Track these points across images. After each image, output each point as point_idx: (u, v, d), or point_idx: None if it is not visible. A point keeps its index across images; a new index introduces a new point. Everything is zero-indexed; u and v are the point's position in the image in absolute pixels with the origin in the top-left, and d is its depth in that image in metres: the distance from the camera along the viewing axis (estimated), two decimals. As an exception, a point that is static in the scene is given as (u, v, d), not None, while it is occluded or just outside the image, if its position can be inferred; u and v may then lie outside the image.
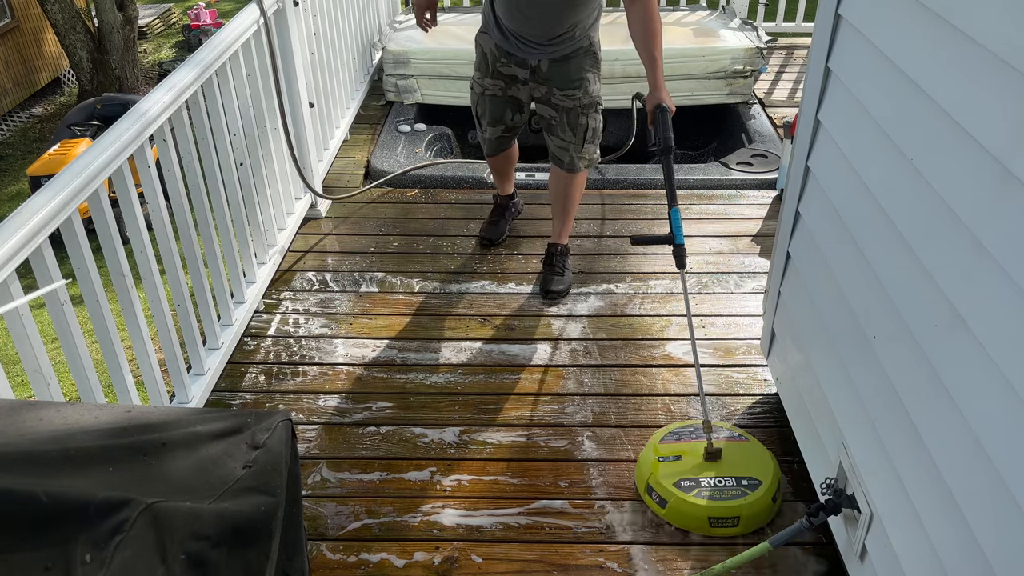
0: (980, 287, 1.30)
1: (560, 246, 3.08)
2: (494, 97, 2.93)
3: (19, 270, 1.62)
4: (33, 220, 1.63)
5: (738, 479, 2.10)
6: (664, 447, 2.21)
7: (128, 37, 11.46)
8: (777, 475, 2.13)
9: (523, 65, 2.81)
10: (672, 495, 2.07)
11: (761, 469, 2.14)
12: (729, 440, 2.23)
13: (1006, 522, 1.21)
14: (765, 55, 4.41)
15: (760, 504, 2.06)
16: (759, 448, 2.21)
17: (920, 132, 1.51)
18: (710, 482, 2.09)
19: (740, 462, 2.15)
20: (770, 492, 2.08)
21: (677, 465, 2.14)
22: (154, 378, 2.20)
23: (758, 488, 2.08)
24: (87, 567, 0.76)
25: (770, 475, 2.11)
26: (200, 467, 0.96)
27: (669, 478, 2.10)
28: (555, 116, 2.85)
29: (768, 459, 2.17)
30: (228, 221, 2.70)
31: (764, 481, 2.09)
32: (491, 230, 3.34)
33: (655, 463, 2.15)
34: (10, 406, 0.97)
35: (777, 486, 2.11)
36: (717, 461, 2.15)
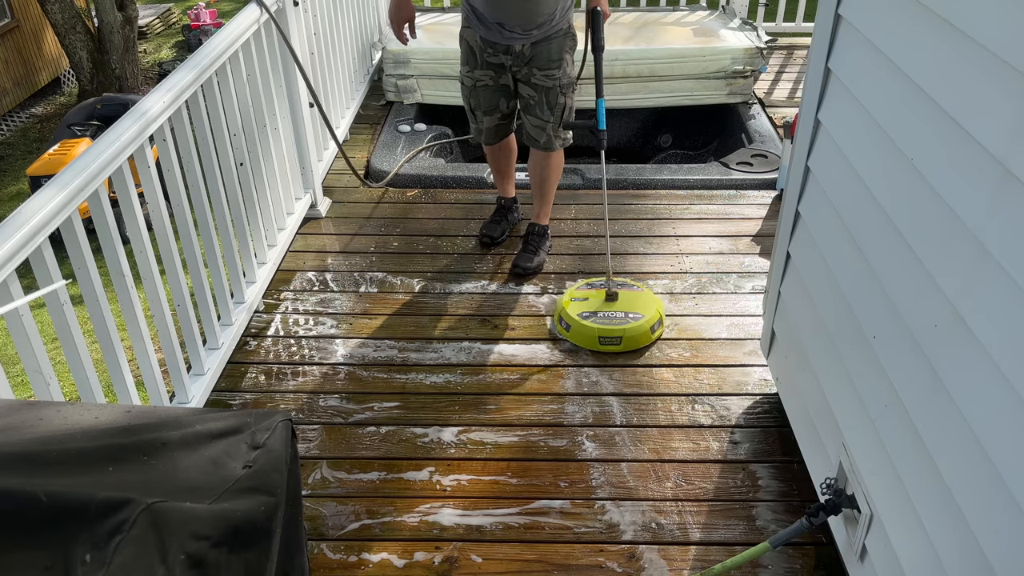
0: (980, 287, 1.30)
1: (538, 226, 3.22)
2: (487, 87, 3.00)
3: (19, 270, 1.62)
4: (33, 220, 1.63)
5: (626, 313, 2.77)
6: (578, 292, 2.90)
7: (128, 37, 11.46)
8: (657, 314, 2.76)
9: (508, 52, 2.90)
10: (574, 321, 2.74)
11: (645, 308, 2.78)
12: (627, 289, 2.91)
13: (1006, 522, 1.21)
14: (765, 55, 4.41)
15: (639, 330, 2.70)
16: (649, 295, 2.88)
17: (920, 132, 1.51)
18: (604, 314, 2.76)
19: (631, 303, 2.82)
20: (649, 323, 2.72)
21: (584, 304, 2.81)
22: (154, 378, 2.20)
23: (639, 320, 2.73)
24: (87, 567, 0.76)
25: (650, 312, 2.76)
26: (200, 467, 0.96)
27: (574, 310, 2.77)
28: (534, 95, 2.94)
29: (653, 302, 2.82)
30: (228, 221, 2.70)
31: (645, 315, 2.74)
32: (492, 228, 3.35)
33: (567, 302, 2.83)
34: (10, 406, 0.97)
35: (656, 320, 2.74)
36: (614, 302, 2.82)
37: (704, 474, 2.26)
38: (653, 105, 4.59)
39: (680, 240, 3.36)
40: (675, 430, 2.40)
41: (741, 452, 2.33)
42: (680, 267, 3.18)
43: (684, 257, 3.24)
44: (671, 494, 2.20)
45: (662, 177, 3.80)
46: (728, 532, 2.09)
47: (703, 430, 2.40)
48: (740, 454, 2.32)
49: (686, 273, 3.14)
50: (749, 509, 2.15)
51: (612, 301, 2.82)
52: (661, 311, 2.80)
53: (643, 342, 2.71)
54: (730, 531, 2.10)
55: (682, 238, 3.37)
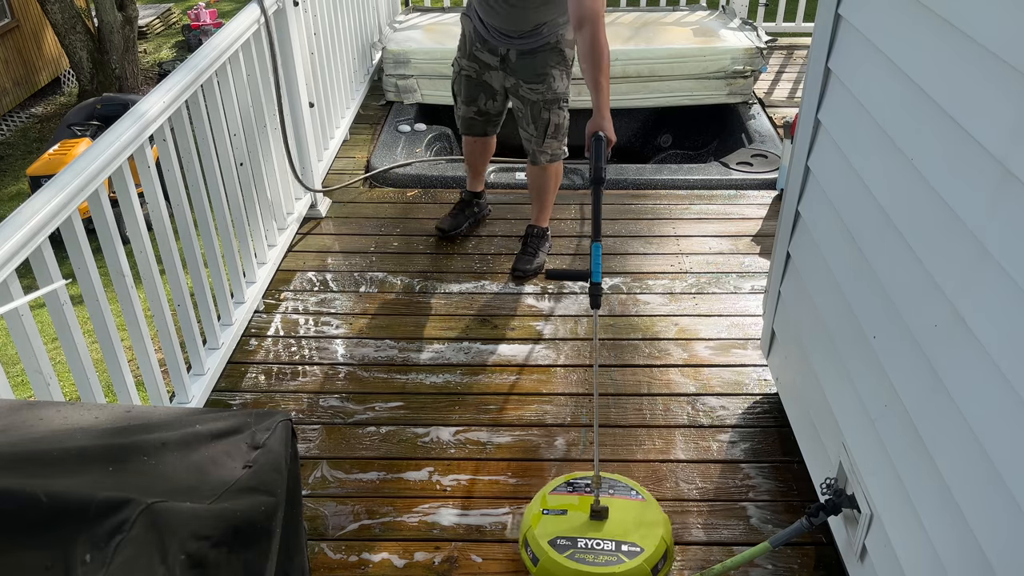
0: (980, 287, 1.30)
1: (537, 228, 3.22)
2: (469, 78, 3.03)
3: (19, 270, 1.62)
4: (33, 220, 1.63)
5: (619, 543, 1.87)
6: (553, 499, 2.00)
7: (128, 37, 11.45)
8: (664, 544, 1.88)
9: (494, 52, 2.91)
10: (544, 554, 1.85)
11: (647, 535, 1.89)
12: (623, 498, 2.00)
13: (1006, 522, 1.21)
14: (765, 55, 4.41)
15: (634, 574, 1.82)
16: (653, 510, 1.97)
17: (920, 132, 1.51)
18: (587, 543, 1.87)
19: (627, 524, 1.92)
20: (650, 562, 1.83)
21: (560, 521, 1.93)
22: (154, 378, 2.20)
23: (636, 556, 1.84)
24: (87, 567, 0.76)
25: (654, 543, 1.87)
26: (200, 467, 0.96)
27: (546, 535, 1.89)
28: (521, 108, 2.96)
29: (658, 524, 1.93)
30: (228, 221, 2.70)
31: (646, 550, 1.85)
32: (448, 221, 3.38)
33: (537, 515, 1.95)
34: (10, 406, 0.97)
35: (663, 555, 1.86)
36: (603, 520, 1.93)
37: (704, 474, 2.26)
38: (653, 105, 4.59)
39: (680, 240, 3.36)
40: (675, 430, 2.40)
41: (741, 452, 2.33)
42: (680, 267, 3.18)
43: (684, 257, 3.24)
44: (671, 494, 2.20)
45: (662, 177, 3.80)
46: (728, 532, 2.09)
47: (703, 430, 2.40)
48: (740, 454, 2.32)
49: (686, 273, 3.14)
50: (749, 509, 2.15)
51: (599, 520, 1.93)
52: (668, 538, 1.91)
53: None
54: (730, 531, 2.10)
55: (682, 238, 3.37)
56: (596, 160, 2.39)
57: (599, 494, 1.96)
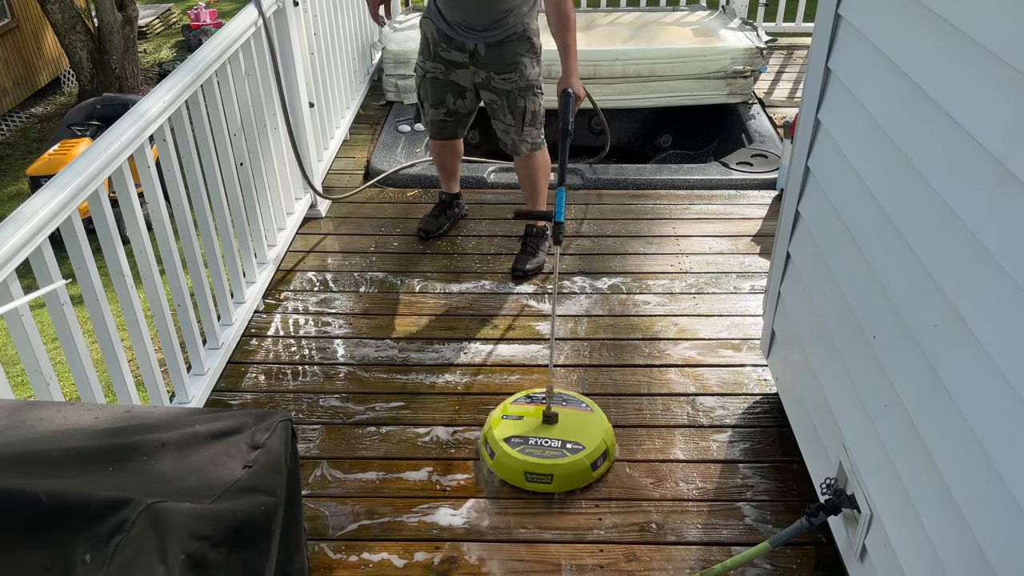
0: (980, 287, 1.30)
1: (535, 227, 3.23)
2: (435, 80, 3.05)
3: (19, 270, 1.62)
4: (33, 220, 1.63)
5: (564, 442, 2.23)
6: (513, 407, 2.36)
7: (128, 37, 11.46)
8: (604, 445, 2.23)
9: (462, 49, 2.93)
10: (499, 448, 2.22)
11: (588, 436, 2.25)
12: (572, 408, 2.36)
13: (1006, 522, 1.21)
14: (765, 55, 4.41)
15: (575, 467, 2.17)
16: (597, 419, 2.32)
17: (920, 132, 1.51)
18: (536, 441, 2.23)
19: (572, 428, 2.28)
20: (590, 458, 2.19)
21: (516, 424, 2.29)
22: (154, 378, 2.20)
23: (578, 452, 2.20)
24: (87, 567, 0.76)
25: (595, 443, 2.22)
26: (200, 467, 0.96)
27: (503, 434, 2.25)
28: (496, 100, 2.99)
29: (600, 430, 2.27)
30: (228, 221, 2.70)
31: (587, 447, 2.21)
32: (429, 222, 3.41)
33: (497, 420, 2.31)
34: (10, 406, 0.97)
35: (602, 453, 2.22)
36: (552, 425, 2.29)
37: (704, 474, 2.26)
38: (653, 105, 4.59)
39: (680, 240, 3.36)
40: (675, 430, 2.40)
41: (741, 452, 2.33)
42: (680, 267, 3.18)
43: (684, 257, 3.24)
44: (671, 494, 2.20)
45: (662, 177, 3.80)
46: (728, 532, 2.09)
47: (703, 430, 2.40)
48: (740, 454, 2.32)
49: (686, 273, 3.14)
50: (749, 509, 2.15)
51: (549, 424, 2.29)
52: (609, 440, 2.27)
53: (580, 482, 2.19)
54: (730, 531, 2.10)
55: (682, 238, 3.38)
56: (564, 114, 2.73)
57: (551, 403, 2.32)
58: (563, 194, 2.56)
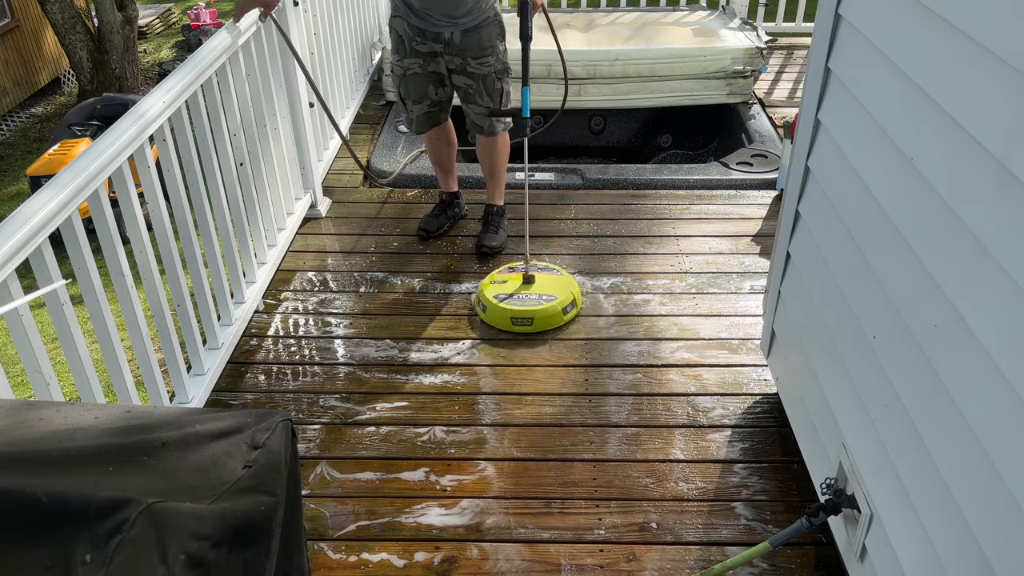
0: (980, 287, 1.30)
1: (496, 207, 3.37)
2: (415, 75, 3.08)
3: (19, 270, 1.62)
4: (33, 220, 1.63)
5: (540, 295, 2.85)
6: (499, 275, 2.98)
7: (128, 37, 11.45)
8: (572, 296, 2.86)
9: (437, 40, 2.98)
10: (490, 303, 2.83)
11: (560, 291, 2.87)
12: (546, 272, 2.99)
13: (1006, 522, 1.21)
14: (765, 55, 4.41)
15: (550, 311, 2.80)
16: (567, 279, 2.96)
17: (920, 132, 1.51)
18: (519, 296, 2.85)
19: (547, 286, 2.91)
20: (561, 305, 2.81)
21: (502, 287, 2.91)
22: (154, 378, 2.20)
23: (552, 301, 2.82)
24: (87, 567, 0.76)
25: (563, 294, 2.85)
26: (200, 467, 0.96)
27: (492, 292, 2.87)
28: (472, 84, 3.04)
29: (568, 285, 2.91)
30: (228, 221, 2.70)
31: (558, 297, 2.83)
32: (430, 222, 3.43)
33: (486, 284, 2.92)
34: (10, 406, 0.97)
35: (569, 302, 2.83)
36: (531, 284, 2.91)
37: (704, 474, 2.26)
38: (653, 105, 4.59)
39: (680, 240, 3.36)
40: (675, 430, 2.40)
41: (741, 452, 2.33)
42: (680, 267, 3.18)
43: (684, 257, 3.24)
44: (671, 494, 2.20)
45: (662, 177, 3.80)
46: (728, 532, 2.09)
47: (703, 430, 2.40)
48: (740, 454, 2.32)
49: (686, 273, 3.14)
50: (749, 509, 2.15)
51: (529, 284, 2.91)
52: (576, 293, 2.89)
53: (555, 323, 2.81)
54: (730, 531, 2.10)
55: (682, 238, 3.37)
56: (523, 21, 2.92)
57: (528, 269, 2.96)
58: (528, 93, 2.91)
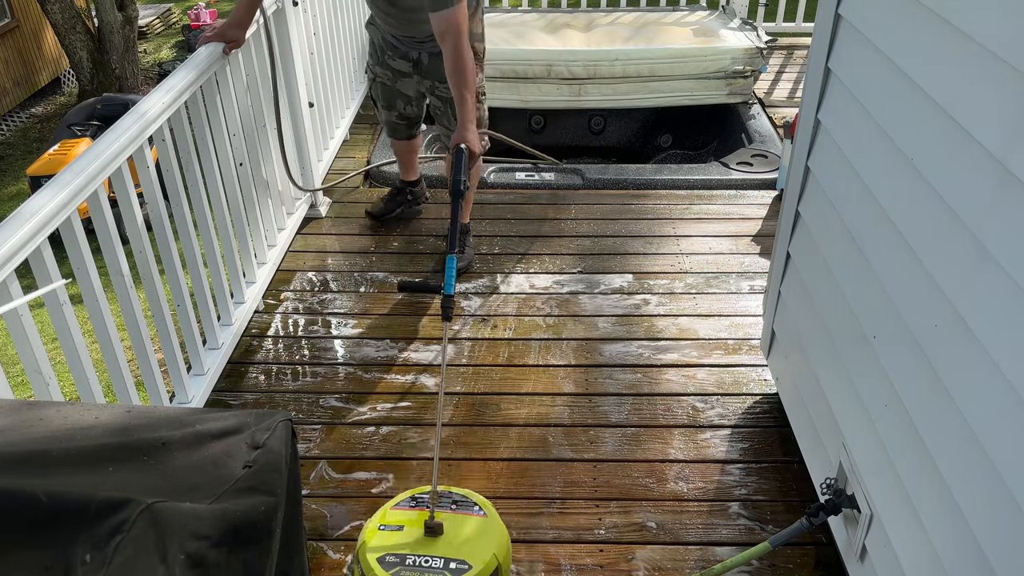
0: (980, 287, 1.30)
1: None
2: (384, 85, 3.09)
3: (19, 270, 1.62)
4: (33, 220, 1.63)
5: (447, 560, 1.80)
6: (394, 514, 1.92)
7: (128, 37, 11.45)
8: (496, 562, 1.81)
9: (406, 58, 2.95)
10: (371, 571, 1.77)
11: (478, 553, 1.82)
12: (463, 513, 1.93)
13: (1006, 522, 1.21)
14: (765, 55, 4.41)
15: None
16: (493, 527, 1.90)
17: (920, 132, 1.51)
18: (415, 561, 1.79)
19: (460, 541, 1.85)
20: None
21: (394, 536, 1.86)
22: (154, 378, 2.19)
23: (464, 574, 1.77)
24: (87, 567, 0.76)
25: (484, 560, 1.80)
26: (200, 467, 0.96)
27: (376, 551, 1.81)
28: (439, 106, 3.02)
29: (493, 541, 1.86)
30: (228, 221, 2.70)
31: (474, 567, 1.78)
32: (378, 207, 3.48)
33: (373, 531, 1.87)
34: (10, 406, 0.97)
35: (492, 572, 1.80)
36: (436, 537, 1.85)
37: (704, 474, 2.26)
38: (653, 105, 4.59)
39: (680, 240, 3.36)
40: (675, 430, 2.40)
41: (741, 452, 2.33)
42: (680, 267, 3.18)
43: (684, 257, 3.24)
44: (671, 494, 2.20)
45: (662, 177, 3.80)
46: (728, 532, 2.09)
47: (703, 430, 2.40)
48: (740, 454, 2.32)
49: (686, 273, 3.14)
50: (749, 509, 2.15)
51: (433, 536, 1.85)
52: (502, 555, 1.85)
53: None
54: (730, 531, 2.10)
55: (682, 238, 3.38)
56: (456, 173, 2.42)
57: (434, 509, 1.88)
58: (453, 263, 2.23)
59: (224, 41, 2.57)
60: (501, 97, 4.48)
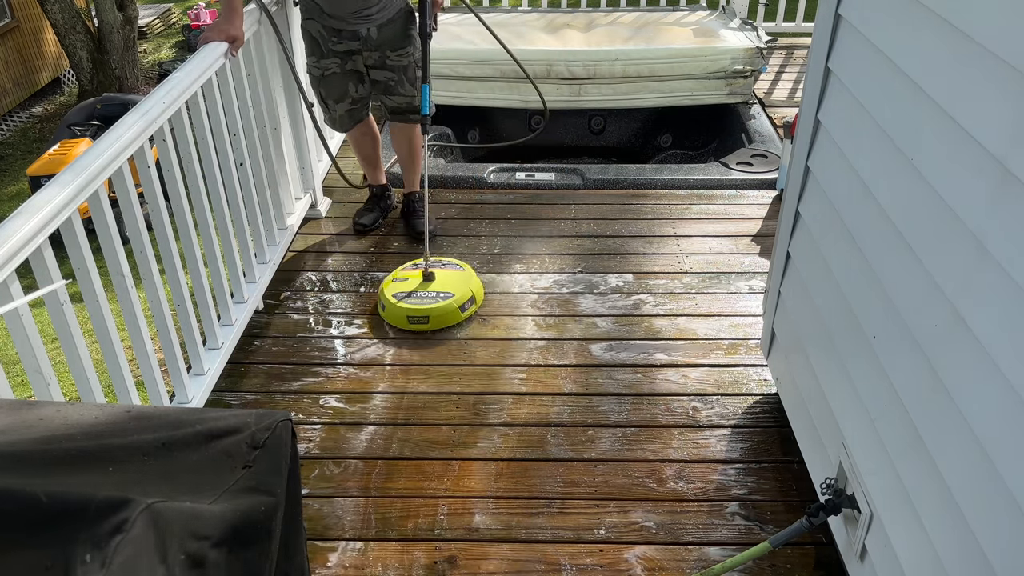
0: (980, 287, 1.30)
1: (416, 193, 3.43)
2: (334, 75, 3.10)
3: (19, 270, 1.62)
4: (33, 220, 1.63)
5: (438, 293, 2.83)
6: (401, 272, 3.00)
7: (128, 37, 11.46)
8: (470, 292, 2.85)
9: (354, 38, 2.99)
10: (388, 302, 2.83)
11: (458, 287, 2.86)
12: (447, 268, 2.98)
13: (1006, 522, 1.21)
14: (765, 55, 4.41)
15: (446, 309, 2.79)
16: (467, 275, 2.95)
17: (920, 132, 1.51)
18: (417, 294, 2.84)
19: (446, 283, 2.89)
20: (458, 302, 2.80)
21: (402, 284, 2.91)
22: (154, 378, 2.19)
23: (448, 299, 2.80)
24: (87, 567, 0.76)
25: (462, 291, 2.84)
26: (200, 467, 0.96)
27: (391, 291, 2.87)
28: (393, 76, 3.09)
29: (467, 282, 2.90)
30: (228, 221, 2.70)
31: (456, 295, 2.82)
32: (364, 215, 3.49)
33: (388, 283, 2.94)
34: (10, 406, 0.97)
35: (467, 299, 2.83)
36: (430, 282, 2.90)
37: (704, 474, 2.26)
38: (653, 105, 4.59)
39: (680, 240, 3.36)
40: (675, 430, 2.40)
41: (741, 452, 2.33)
42: (680, 267, 3.18)
43: (684, 257, 3.24)
44: (671, 494, 2.20)
45: (662, 177, 3.80)
46: (728, 532, 2.09)
47: (703, 430, 2.40)
48: (740, 454, 2.32)
49: (686, 273, 3.14)
50: (749, 509, 2.15)
51: (428, 281, 2.90)
52: (475, 289, 2.89)
53: (451, 320, 2.80)
54: (730, 531, 2.10)
55: (682, 238, 3.38)
56: (423, 18, 2.96)
57: (428, 266, 2.97)
58: (427, 89, 2.98)
59: (228, 41, 2.59)
60: (501, 97, 4.48)
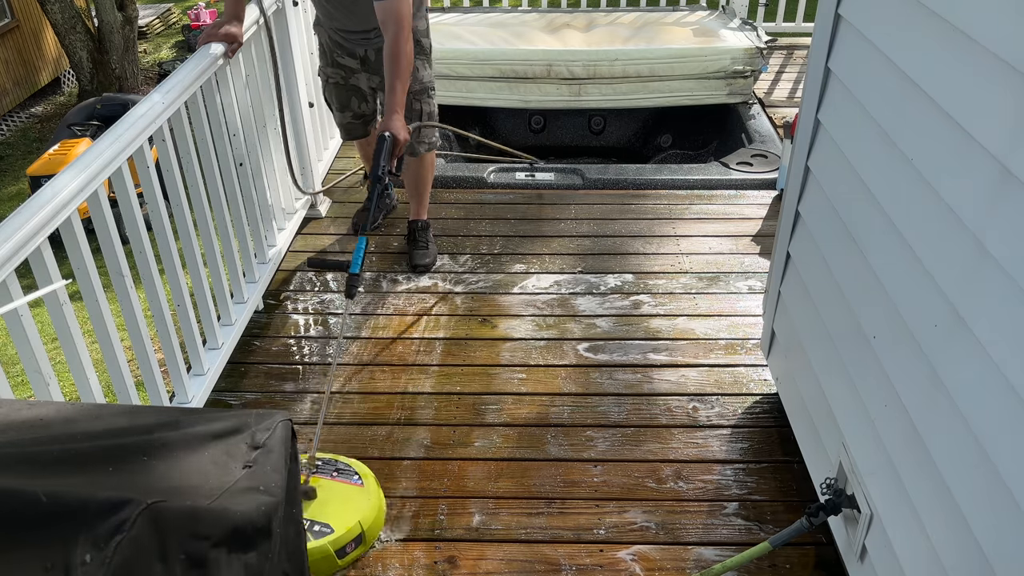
0: (980, 287, 1.30)
1: (420, 222, 3.26)
2: (337, 85, 3.07)
3: (19, 270, 1.62)
4: (33, 220, 1.63)
5: (312, 523, 1.94)
6: None
7: (128, 37, 11.45)
8: (359, 528, 1.94)
9: (353, 55, 2.95)
10: None
11: (343, 518, 1.95)
12: (343, 481, 2.07)
13: (1006, 522, 1.21)
14: (765, 55, 4.41)
15: (316, 554, 1.87)
16: (365, 496, 2.03)
17: (920, 132, 1.51)
18: None
19: (328, 506, 1.99)
20: (336, 544, 1.89)
21: None
22: (154, 378, 2.19)
23: (323, 536, 1.90)
24: (87, 567, 0.76)
25: (347, 525, 1.92)
26: (200, 467, 0.96)
27: None
28: None
29: (362, 509, 1.98)
30: (228, 221, 2.70)
31: (336, 531, 1.91)
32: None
33: None
34: (9, 406, 0.97)
35: (355, 537, 1.93)
36: (309, 500, 2.01)
37: (704, 474, 2.26)
38: (653, 105, 4.59)
39: (680, 240, 3.36)
40: (675, 430, 2.40)
41: (741, 452, 2.33)
42: (680, 267, 3.18)
43: (684, 257, 3.24)
44: (671, 494, 2.20)
45: (662, 177, 3.80)
46: (727, 532, 2.09)
47: (703, 430, 2.40)
48: (740, 454, 2.32)
49: (686, 273, 3.14)
50: (749, 509, 2.15)
51: (307, 500, 2.02)
52: (368, 522, 1.99)
53: (323, 571, 1.93)
54: (729, 531, 2.10)
55: (682, 238, 3.38)
56: (376, 158, 2.55)
57: (310, 475, 2.08)
58: (363, 243, 2.42)
59: (227, 41, 2.57)
60: (501, 97, 4.48)
